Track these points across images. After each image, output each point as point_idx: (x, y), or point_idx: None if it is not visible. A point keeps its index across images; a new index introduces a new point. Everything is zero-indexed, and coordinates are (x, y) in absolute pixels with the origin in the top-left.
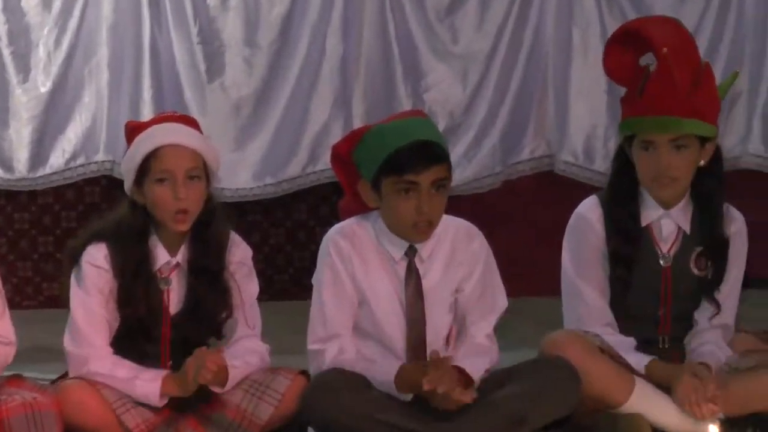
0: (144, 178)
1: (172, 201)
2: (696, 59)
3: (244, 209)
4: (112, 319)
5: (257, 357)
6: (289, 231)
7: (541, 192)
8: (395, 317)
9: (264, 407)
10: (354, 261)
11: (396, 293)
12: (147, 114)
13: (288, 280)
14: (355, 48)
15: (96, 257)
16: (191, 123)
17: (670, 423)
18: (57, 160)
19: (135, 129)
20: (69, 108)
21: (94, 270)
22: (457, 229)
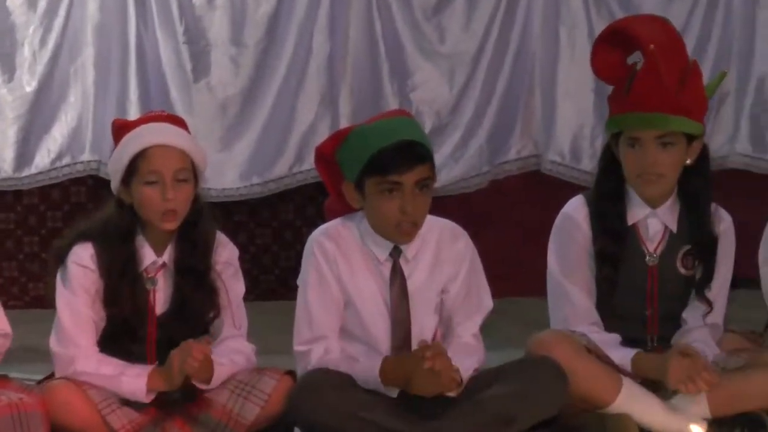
0: (132, 178)
1: (160, 202)
2: (684, 57)
3: (230, 209)
4: (98, 319)
5: (243, 357)
6: (276, 231)
7: (528, 192)
8: (381, 318)
9: (250, 407)
10: (339, 262)
11: (381, 294)
12: (133, 114)
13: (274, 280)
14: (342, 47)
15: (82, 257)
16: (179, 123)
17: (657, 422)
18: (42, 160)
19: (122, 127)
20: (54, 108)
21: (80, 270)
22: (442, 230)
